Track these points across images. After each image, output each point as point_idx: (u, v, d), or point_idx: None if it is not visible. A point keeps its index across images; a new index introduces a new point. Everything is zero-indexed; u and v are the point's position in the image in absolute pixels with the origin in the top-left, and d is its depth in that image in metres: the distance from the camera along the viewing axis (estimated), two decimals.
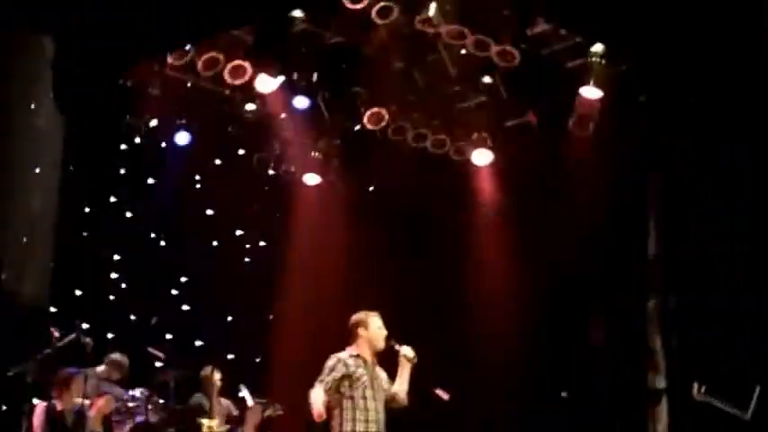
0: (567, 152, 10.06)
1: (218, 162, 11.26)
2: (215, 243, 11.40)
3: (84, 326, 9.05)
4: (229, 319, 11.41)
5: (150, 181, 11.05)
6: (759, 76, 7.87)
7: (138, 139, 10.56)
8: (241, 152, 11.18)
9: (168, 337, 10.99)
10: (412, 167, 10.89)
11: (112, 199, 10.82)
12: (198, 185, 11.33)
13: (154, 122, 10.48)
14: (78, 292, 10.52)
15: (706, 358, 9.01)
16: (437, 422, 9.30)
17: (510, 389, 10.41)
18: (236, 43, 9.61)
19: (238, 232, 11.46)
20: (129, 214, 10.97)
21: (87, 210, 10.65)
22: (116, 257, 10.96)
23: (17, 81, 7.40)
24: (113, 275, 10.96)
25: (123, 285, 10.99)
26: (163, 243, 11.20)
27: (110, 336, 10.29)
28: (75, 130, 7.84)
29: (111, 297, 10.92)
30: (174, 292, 11.30)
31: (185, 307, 11.30)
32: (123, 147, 10.75)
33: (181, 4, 7.94)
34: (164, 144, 10.82)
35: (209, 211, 11.28)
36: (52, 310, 9.75)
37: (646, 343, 9.65)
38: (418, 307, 10.44)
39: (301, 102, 10.52)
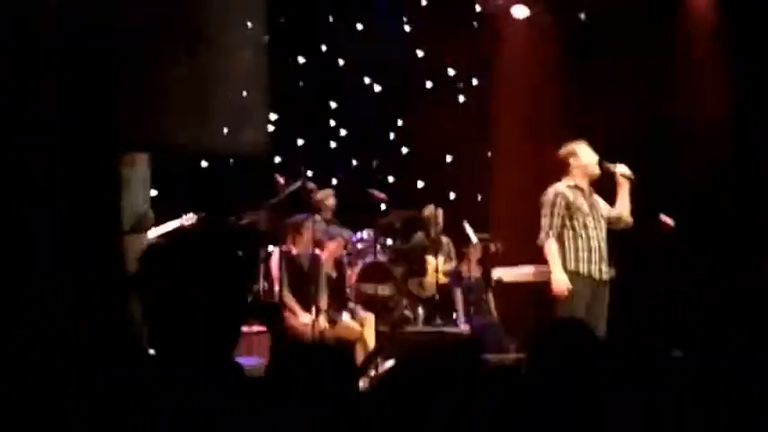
0: None
1: (424, 2, 11.20)
2: (428, 84, 11.43)
3: (309, 173, 9.35)
4: (448, 159, 11.50)
5: (359, 27, 11.12)
6: None
7: None
8: None
9: (390, 179, 11.26)
10: None
11: (323, 48, 10.97)
12: (406, 27, 11.33)
13: None
14: (300, 141, 10.86)
15: None
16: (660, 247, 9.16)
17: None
18: None
19: (450, 72, 11.42)
20: (341, 62, 11.11)
21: (300, 60, 10.88)
22: (333, 105, 11.18)
23: None
24: (332, 122, 11.22)
25: (342, 132, 11.25)
26: (377, 88, 11.33)
27: (333, 182, 10.58)
28: None
29: (332, 144, 11.21)
30: (391, 135, 11.47)
31: (404, 149, 11.46)
32: None
33: None
34: None
35: (420, 52, 11.27)
36: (276, 160, 10.20)
37: None
38: (632, 133, 10.14)
39: None
